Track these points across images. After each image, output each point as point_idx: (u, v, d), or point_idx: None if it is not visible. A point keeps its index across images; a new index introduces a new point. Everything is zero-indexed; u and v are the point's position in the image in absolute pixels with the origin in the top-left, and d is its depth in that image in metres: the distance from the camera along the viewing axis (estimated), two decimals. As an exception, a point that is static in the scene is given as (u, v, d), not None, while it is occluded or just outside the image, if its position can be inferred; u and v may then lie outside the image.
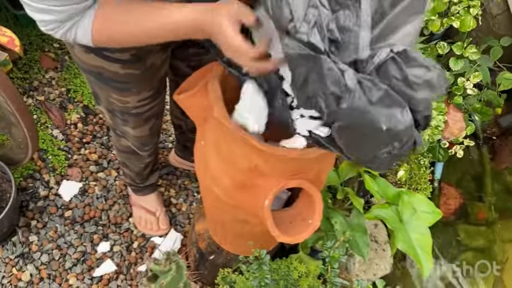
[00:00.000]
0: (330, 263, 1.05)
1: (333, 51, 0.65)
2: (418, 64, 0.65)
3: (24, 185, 1.70)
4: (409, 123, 0.67)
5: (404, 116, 0.67)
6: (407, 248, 1.33)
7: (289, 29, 0.65)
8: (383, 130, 0.65)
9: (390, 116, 0.66)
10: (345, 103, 0.65)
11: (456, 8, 1.76)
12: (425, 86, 0.66)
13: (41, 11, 0.76)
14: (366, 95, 0.64)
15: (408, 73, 0.65)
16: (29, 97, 1.87)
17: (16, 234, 1.60)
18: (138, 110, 1.16)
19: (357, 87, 0.64)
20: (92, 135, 1.86)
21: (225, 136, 0.94)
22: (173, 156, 1.82)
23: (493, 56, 1.86)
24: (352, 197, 1.42)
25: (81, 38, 0.81)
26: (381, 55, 0.65)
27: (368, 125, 0.66)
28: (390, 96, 0.65)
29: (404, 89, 0.66)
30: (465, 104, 1.88)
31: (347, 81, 0.64)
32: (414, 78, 0.65)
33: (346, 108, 0.66)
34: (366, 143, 0.71)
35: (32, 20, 0.79)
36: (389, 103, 0.66)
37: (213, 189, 1.03)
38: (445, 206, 2.00)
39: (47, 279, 1.56)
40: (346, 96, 0.65)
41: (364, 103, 0.65)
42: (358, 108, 0.65)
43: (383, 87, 0.65)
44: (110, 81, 1.04)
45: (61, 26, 0.79)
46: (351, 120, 0.68)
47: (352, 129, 0.70)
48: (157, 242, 1.70)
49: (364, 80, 0.65)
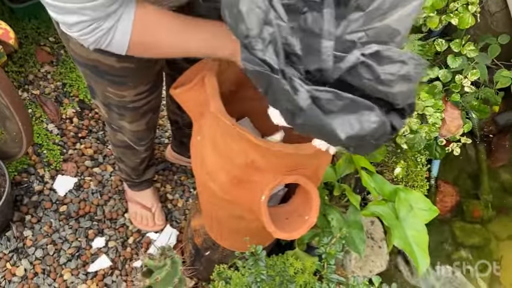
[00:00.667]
0: (326, 259, 1.05)
1: (295, 61, 0.64)
2: (392, 61, 0.64)
3: (19, 180, 1.68)
4: (377, 125, 0.66)
5: (372, 117, 0.66)
6: (403, 244, 1.33)
7: (246, 44, 0.64)
8: (342, 139, 0.65)
9: (352, 123, 0.65)
10: (299, 120, 0.65)
11: (455, 5, 1.76)
12: (401, 80, 0.65)
13: (72, 12, 0.70)
14: (323, 108, 0.64)
15: (381, 72, 0.64)
16: (24, 91, 1.86)
17: (10, 228, 1.59)
18: (135, 104, 1.15)
19: (310, 106, 0.64)
20: (87, 130, 1.85)
21: (222, 131, 0.93)
22: (169, 151, 1.81)
23: (490, 53, 1.86)
24: (349, 193, 1.42)
25: (117, 43, 0.77)
26: (350, 59, 0.63)
27: (326, 135, 0.67)
28: (356, 103, 0.65)
29: (378, 87, 0.65)
30: (462, 101, 1.88)
31: (299, 101, 0.63)
32: (388, 75, 0.64)
33: (301, 124, 0.66)
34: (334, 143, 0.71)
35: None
36: (355, 109, 0.65)
37: (209, 184, 1.02)
38: (441, 203, 2.01)
39: (42, 274, 1.55)
40: (300, 114, 0.65)
41: (318, 119, 0.64)
42: (313, 124, 0.65)
43: (348, 97, 0.64)
44: (106, 74, 1.03)
45: (98, 29, 0.74)
46: (308, 131, 0.69)
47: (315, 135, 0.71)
48: (152, 238, 1.69)
49: (323, 94, 0.64)
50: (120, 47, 0.79)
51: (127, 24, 0.76)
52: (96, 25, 0.74)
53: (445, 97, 1.89)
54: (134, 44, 0.78)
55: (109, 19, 0.74)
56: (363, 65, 0.63)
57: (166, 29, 0.79)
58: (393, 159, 1.86)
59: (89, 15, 0.72)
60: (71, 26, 0.74)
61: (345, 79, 0.65)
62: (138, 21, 0.76)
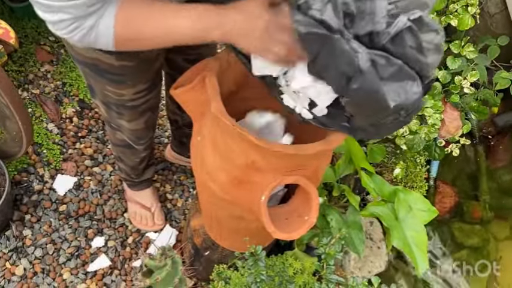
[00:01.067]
0: (325, 259, 1.05)
1: (347, 24, 0.63)
2: (430, 29, 0.65)
3: (19, 179, 1.68)
4: (418, 96, 0.68)
5: (414, 88, 0.67)
6: (402, 245, 1.34)
7: (300, 4, 0.62)
8: (391, 107, 0.66)
9: (400, 91, 0.66)
10: (356, 84, 0.64)
11: (454, 7, 1.76)
12: (435, 50, 0.67)
13: (57, 9, 0.71)
14: (378, 73, 0.63)
15: (422, 40, 0.64)
16: (24, 90, 1.86)
17: (10, 228, 1.59)
18: (134, 103, 1.16)
19: (369, 68, 0.63)
20: (87, 130, 1.85)
21: (222, 131, 0.93)
22: (169, 151, 1.81)
23: (490, 55, 1.86)
24: (348, 194, 1.42)
25: (102, 38, 0.77)
26: (398, 24, 0.63)
27: (377, 102, 0.66)
28: (403, 71, 0.65)
29: (418, 56, 0.65)
30: (462, 102, 1.89)
31: (360, 62, 0.62)
32: (427, 44, 0.65)
33: (356, 89, 0.65)
34: (373, 115, 0.72)
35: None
36: (402, 77, 0.66)
37: (209, 184, 1.02)
38: (440, 204, 2.01)
39: (41, 273, 1.55)
40: (358, 77, 0.63)
41: (375, 84, 0.64)
42: (368, 88, 0.64)
43: (397, 63, 0.64)
44: (105, 73, 1.03)
45: (79, 28, 0.74)
46: (360, 98, 0.67)
47: (361, 105, 0.70)
48: (152, 238, 1.69)
49: (378, 58, 0.64)
50: (106, 43, 0.78)
51: (109, 21, 0.76)
52: (77, 24, 0.74)
53: (445, 98, 1.90)
54: (119, 38, 0.78)
55: (90, 18, 0.74)
56: (408, 31, 0.63)
57: (148, 17, 0.78)
58: (392, 160, 1.86)
59: (70, 14, 0.72)
60: (54, 25, 0.74)
61: (388, 48, 0.64)
62: (120, 15, 0.76)
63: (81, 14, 0.73)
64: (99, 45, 0.79)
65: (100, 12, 0.75)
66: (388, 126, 0.76)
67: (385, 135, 0.84)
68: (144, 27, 0.78)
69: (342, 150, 1.48)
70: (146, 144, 1.40)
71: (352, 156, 1.45)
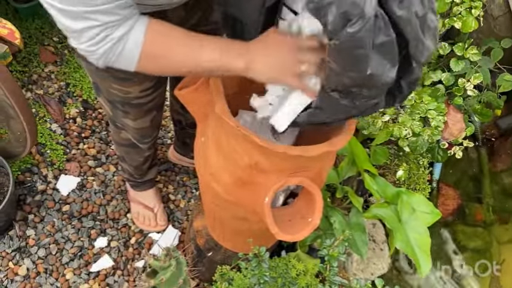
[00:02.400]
0: (329, 261, 1.05)
1: None
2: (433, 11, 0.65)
3: (22, 179, 1.69)
4: (389, 81, 0.68)
5: (391, 73, 0.67)
6: (405, 247, 1.33)
7: None
8: (366, 73, 0.66)
9: (379, 65, 0.66)
10: (352, 28, 0.62)
11: (458, 9, 1.76)
12: (433, 34, 0.67)
13: (80, 16, 0.66)
14: (373, 32, 0.63)
15: (428, 12, 0.64)
16: (28, 91, 1.86)
17: (13, 228, 1.60)
18: (140, 101, 1.16)
19: (371, 19, 0.62)
20: (90, 130, 1.85)
21: (226, 132, 0.94)
22: (172, 152, 1.81)
23: (493, 57, 1.86)
24: (351, 195, 1.42)
25: (128, 54, 0.73)
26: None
27: (357, 61, 0.66)
28: (391, 47, 0.65)
29: (418, 32, 0.65)
30: (465, 105, 1.88)
31: (366, 8, 0.61)
32: (429, 21, 0.65)
33: (350, 34, 0.63)
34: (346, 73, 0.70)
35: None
36: (386, 54, 0.65)
37: (213, 185, 1.02)
38: (443, 206, 2.00)
39: (44, 273, 1.56)
40: (356, 22, 0.62)
41: (367, 38, 0.63)
42: (359, 39, 0.63)
43: (391, 35, 0.63)
44: (111, 71, 1.03)
45: (108, 37, 0.70)
46: (346, 46, 0.66)
47: (343, 55, 0.69)
48: (155, 238, 1.69)
49: (380, 18, 0.63)
50: (130, 60, 0.75)
51: (139, 35, 0.73)
52: (106, 32, 0.70)
53: (448, 100, 1.90)
54: (145, 56, 0.75)
55: (121, 27, 0.71)
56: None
57: (178, 41, 0.77)
58: (395, 162, 1.86)
59: (99, 21, 0.68)
60: (79, 35, 0.69)
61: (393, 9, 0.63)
62: (150, 32, 0.74)
63: (111, 19, 0.68)
64: (120, 63, 0.75)
65: (130, 22, 0.71)
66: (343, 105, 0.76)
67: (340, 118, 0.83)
68: (173, 52, 0.77)
69: (345, 152, 1.48)
70: (150, 143, 1.41)
71: (355, 158, 1.45)
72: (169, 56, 0.77)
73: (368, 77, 0.67)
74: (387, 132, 1.66)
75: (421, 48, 0.68)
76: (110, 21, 0.69)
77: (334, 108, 0.79)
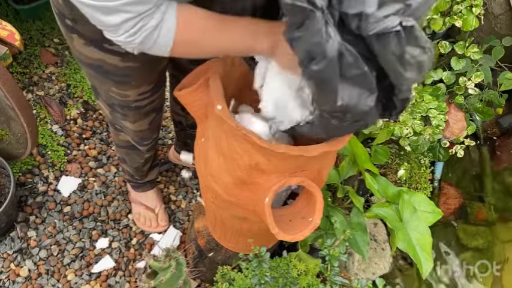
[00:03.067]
0: (330, 261, 1.05)
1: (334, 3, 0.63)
2: (417, 44, 0.65)
3: (23, 180, 1.69)
4: (368, 109, 0.70)
5: (368, 101, 0.69)
6: (407, 247, 1.33)
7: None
8: (337, 104, 0.67)
9: (353, 95, 0.67)
10: (316, 66, 0.65)
11: (458, 8, 1.76)
12: (416, 68, 0.67)
13: (115, 10, 0.67)
14: (341, 68, 0.64)
15: (406, 51, 0.64)
16: (29, 92, 1.86)
17: (14, 229, 1.60)
18: (138, 104, 1.16)
19: (334, 59, 0.63)
20: (91, 131, 1.86)
21: (226, 133, 0.93)
22: (173, 153, 1.81)
23: (494, 55, 1.85)
24: (352, 195, 1.42)
25: (163, 41, 0.74)
26: (388, 23, 0.62)
27: (327, 93, 0.68)
28: (366, 80, 0.66)
29: (397, 66, 0.66)
30: (466, 103, 1.88)
31: (327, 48, 0.63)
32: (409, 57, 0.65)
33: (315, 71, 0.65)
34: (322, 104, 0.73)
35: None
36: (361, 84, 0.67)
37: (213, 186, 1.02)
38: (444, 205, 2.00)
39: (45, 274, 1.56)
40: (320, 61, 0.64)
41: (332, 75, 0.65)
42: (325, 76, 0.65)
43: (363, 69, 0.65)
44: (110, 74, 1.03)
45: (144, 27, 0.71)
46: (315, 81, 0.68)
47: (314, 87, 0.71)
48: (156, 239, 1.69)
49: (348, 54, 0.64)
50: (164, 46, 0.76)
51: (172, 21, 0.74)
52: (142, 23, 0.71)
53: (449, 99, 1.89)
54: (178, 42, 0.76)
55: (155, 15, 0.72)
56: (396, 35, 0.63)
57: (208, 25, 0.77)
58: (397, 161, 1.86)
59: (133, 12, 0.69)
60: (117, 29, 0.71)
61: (371, 42, 0.64)
62: (181, 17, 0.74)
63: (145, 9, 0.69)
64: (155, 49, 0.76)
65: (162, 8, 0.72)
66: (334, 125, 0.77)
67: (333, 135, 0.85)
68: (204, 36, 0.78)
69: (345, 152, 1.48)
70: (150, 145, 1.41)
71: (356, 158, 1.45)
72: (200, 40, 0.78)
73: (341, 107, 0.69)
74: (388, 132, 1.66)
75: (402, 80, 0.68)
76: (144, 10, 0.70)
77: (326, 126, 0.82)
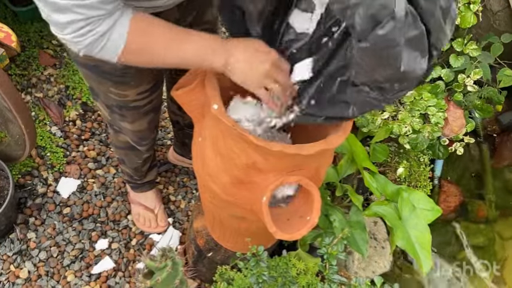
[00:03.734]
0: (328, 260, 1.05)
1: None
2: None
3: (22, 182, 1.69)
4: (422, 72, 0.69)
5: (422, 64, 0.67)
6: (406, 245, 1.33)
7: None
8: (400, 70, 0.65)
9: (411, 60, 0.65)
10: (382, 30, 0.62)
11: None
12: (452, 23, 0.67)
13: (65, 9, 0.67)
14: (404, 29, 0.62)
15: (451, 4, 0.64)
16: (27, 94, 1.87)
17: (14, 231, 1.60)
18: (137, 104, 1.16)
19: (401, 19, 0.61)
20: (90, 132, 1.86)
21: (223, 132, 0.93)
22: (172, 153, 1.81)
23: (493, 52, 1.85)
24: (351, 194, 1.41)
25: (111, 47, 0.74)
26: None
27: (390, 59, 0.65)
28: (421, 40, 0.65)
29: (441, 22, 0.65)
30: (465, 101, 1.87)
31: (397, 8, 0.60)
32: (452, 12, 0.65)
33: (381, 35, 0.62)
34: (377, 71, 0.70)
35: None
36: (418, 47, 0.65)
37: (211, 185, 1.02)
38: (444, 203, 2.00)
39: (45, 276, 1.56)
40: (387, 24, 0.61)
41: (399, 37, 0.62)
42: (392, 40, 0.62)
43: (421, 28, 0.63)
44: (108, 75, 1.03)
45: (91, 32, 0.71)
46: (377, 48, 0.64)
47: (373, 56, 0.67)
48: (155, 239, 1.69)
49: (410, 14, 0.62)
50: (113, 53, 0.76)
51: (122, 30, 0.74)
52: (90, 27, 0.71)
53: (448, 97, 1.89)
54: (128, 50, 0.76)
55: (105, 22, 0.71)
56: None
57: (162, 35, 0.78)
58: (396, 159, 1.85)
59: (83, 15, 0.69)
60: (63, 27, 0.70)
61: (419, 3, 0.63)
62: (134, 27, 0.75)
63: (95, 14, 0.69)
64: (104, 54, 0.76)
65: (114, 18, 0.72)
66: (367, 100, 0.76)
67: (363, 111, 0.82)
68: (156, 45, 0.78)
69: (344, 150, 1.48)
70: (149, 145, 1.41)
71: (355, 156, 1.45)
72: (151, 50, 0.79)
73: (401, 73, 0.67)
74: (387, 130, 1.66)
75: (442, 37, 0.68)
76: (94, 15, 0.70)
77: (361, 102, 0.78)
